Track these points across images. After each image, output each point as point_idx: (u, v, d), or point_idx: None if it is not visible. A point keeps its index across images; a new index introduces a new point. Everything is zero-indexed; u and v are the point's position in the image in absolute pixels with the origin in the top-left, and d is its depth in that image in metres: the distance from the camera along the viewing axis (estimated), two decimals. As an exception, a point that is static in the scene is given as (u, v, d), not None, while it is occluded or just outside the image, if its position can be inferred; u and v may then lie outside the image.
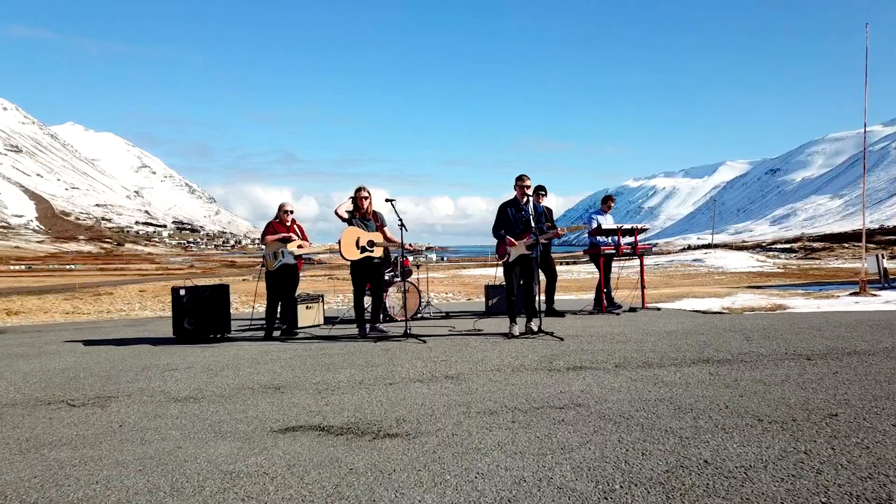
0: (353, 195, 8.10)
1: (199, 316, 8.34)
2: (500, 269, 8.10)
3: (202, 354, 7.10)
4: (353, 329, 8.58)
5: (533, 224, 7.63)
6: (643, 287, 10.40)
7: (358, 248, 7.91)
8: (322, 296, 9.80)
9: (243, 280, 37.57)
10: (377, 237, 7.97)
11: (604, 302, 10.02)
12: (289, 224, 8.54)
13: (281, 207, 8.59)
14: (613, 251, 10.00)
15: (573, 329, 8.08)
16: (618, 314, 9.68)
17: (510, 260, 7.65)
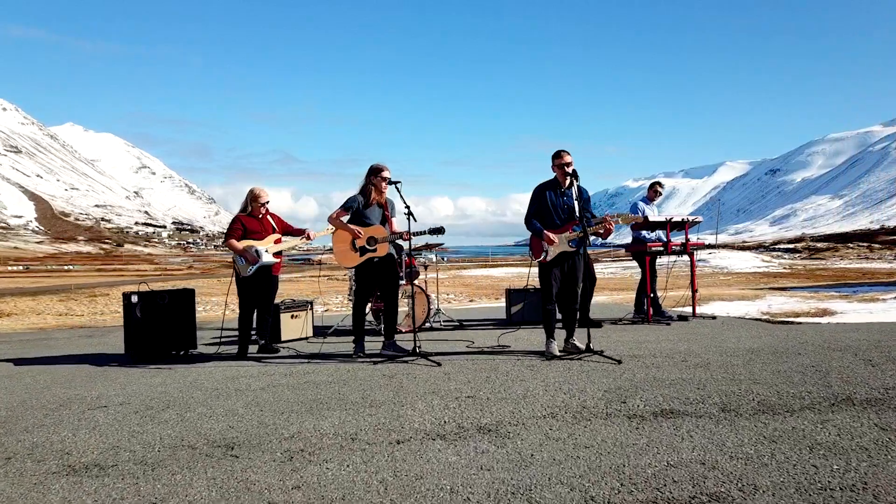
0: (368, 177, 6.32)
1: (156, 329, 6.68)
2: (535, 269, 6.41)
3: (150, 382, 5.44)
4: (348, 343, 6.92)
5: (578, 212, 5.96)
6: (694, 291, 8.73)
7: (355, 250, 6.24)
8: (311, 302, 8.13)
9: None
10: (378, 231, 6.28)
11: (649, 309, 8.35)
12: (261, 216, 6.83)
13: (253, 197, 6.78)
14: (662, 248, 8.33)
15: (624, 345, 6.43)
16: (668, 324, 8.02)
17: (548, 259, 5.98)
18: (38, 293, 26.81)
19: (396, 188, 6.12)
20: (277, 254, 6.77)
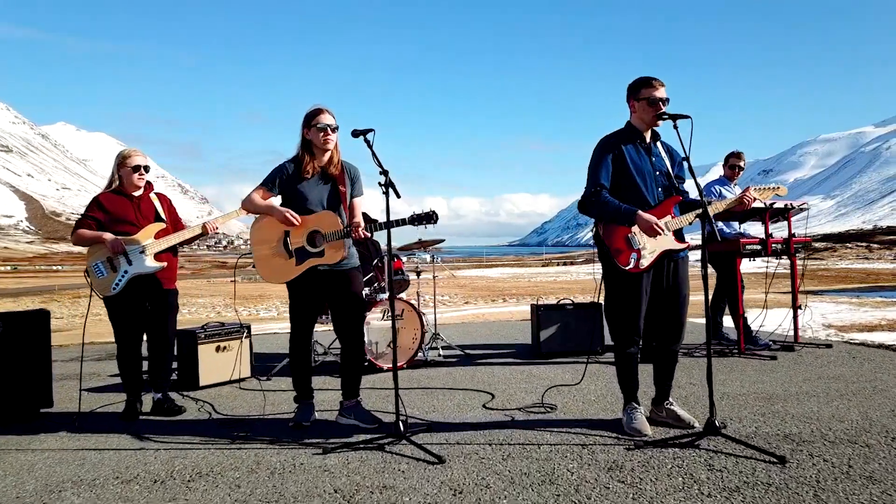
0: (301, 130, 3.75)
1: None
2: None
3: None
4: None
5: (672, 178, 3.46)
6: (796, 307, 6.20)
7: (290, 255, 3.68)
8: (248, 327, 5.53)
9: (230, 281, 33.36)
10: (326, 222, 3.66)
11: (741, 335, 5.80)
12: (139, 194, 4.26)
13: (121, 161, 4.18)
14: (759, 246, 5.79)
15: (741, 405, 3.89)
16: (773, 358, 5.48)
17: (643, 265, 3.40)
18: (20, 294, 24.89)
19: (366, 141, 3.55)
20: (164, 254, 4.17)
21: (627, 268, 3.40)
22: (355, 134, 3.60)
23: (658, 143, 3.52)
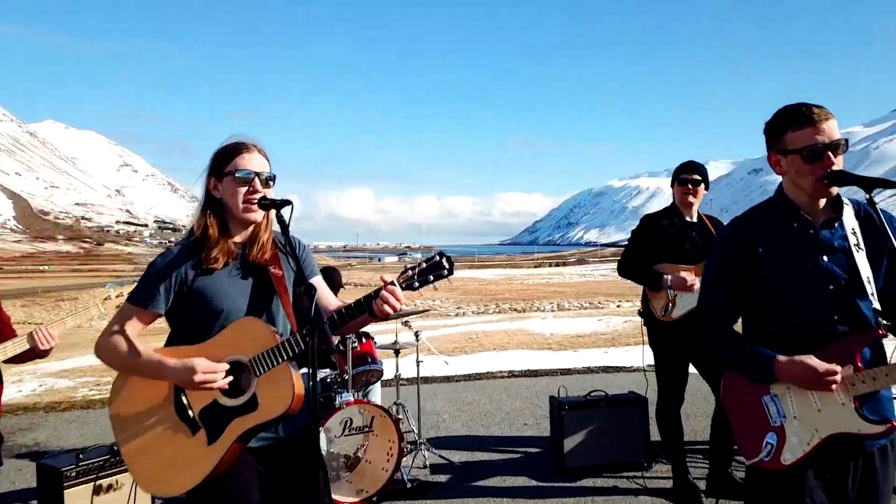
0: (208, 181, 2.05)
1: None
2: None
3: None
4: None
5: (867, 289, 1.86)
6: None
7: (190, 426, 1.92)
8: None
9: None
10: (251, 334, 1.92)
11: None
12: None
13: None
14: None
15: None
16: None
17: (787, 458, 1.76)
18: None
19: (279, 219, 1.92)
20: None
21: (753, 462, 1.81)
22: (264, 206, 1.97)
23: (841, 223, 1.90)
